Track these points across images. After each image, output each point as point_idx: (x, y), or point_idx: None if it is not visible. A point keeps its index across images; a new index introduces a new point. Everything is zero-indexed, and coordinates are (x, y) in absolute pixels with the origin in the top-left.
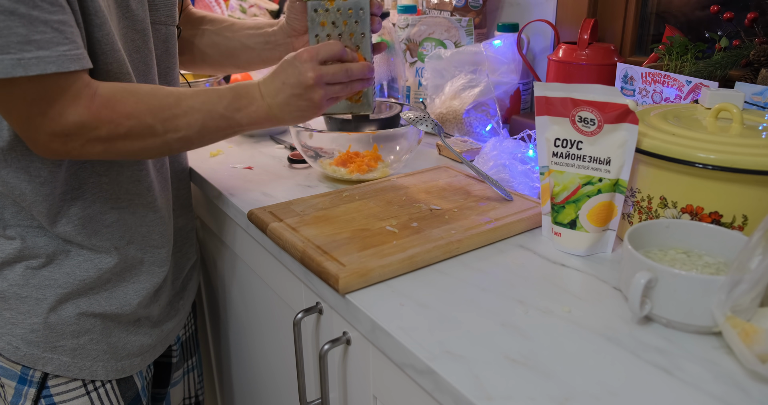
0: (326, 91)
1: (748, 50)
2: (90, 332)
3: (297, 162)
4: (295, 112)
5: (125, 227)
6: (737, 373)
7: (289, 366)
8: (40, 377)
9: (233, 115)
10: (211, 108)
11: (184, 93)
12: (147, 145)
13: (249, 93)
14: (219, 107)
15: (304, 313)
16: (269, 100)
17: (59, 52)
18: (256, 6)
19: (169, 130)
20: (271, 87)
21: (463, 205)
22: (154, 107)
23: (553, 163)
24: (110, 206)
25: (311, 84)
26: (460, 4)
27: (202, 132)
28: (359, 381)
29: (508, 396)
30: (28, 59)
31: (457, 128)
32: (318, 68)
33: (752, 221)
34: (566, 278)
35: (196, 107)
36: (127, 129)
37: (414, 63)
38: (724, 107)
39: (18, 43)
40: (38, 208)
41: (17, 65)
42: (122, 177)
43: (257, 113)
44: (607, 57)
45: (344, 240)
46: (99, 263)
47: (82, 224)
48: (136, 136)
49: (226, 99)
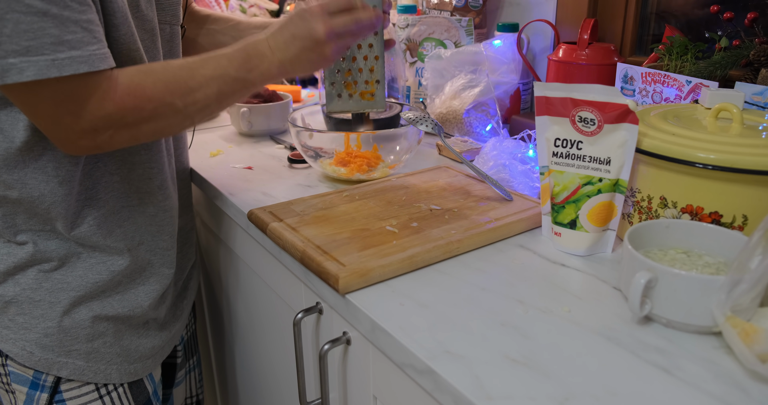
0: (337, 43)
1: (748, 50)
2: (103, 335)
3: (297, 162)
4: (306, 63)
5: (136, 227)
6: (737, 373)
7: (289, 366)
8: (53, 382)
9: (246, 76)
10: (224, 72)
11: (194, 62)
12: (170, 122)
13: (258, 51)
14: (231, 71)
15: (304, 313)
16: (279, 54)
17: (90, 52)
18: (256, 6)
19: (188, 104)
20: (281, 40)
21: (463, 205)
22: (171, 84)
23: (553, 163)
24: (122, 205)
25: (322, 38)
26: (460, 4)
27: (220, 98)
28: (359, 381)
29: (508, 396)
30: (61, 60)
31: (457, 128)
32: (328, 21)
33: (752, 221)
34: (566, 278)
35: (209, 75)
36: (151, 111)
37: (414, 63)
38: (724, 107)
39: (51, 44)
40: (57, 209)
41: (51, 66)
42: (133, 175)
43: (269, 70)
44: (607, 57)
45: (344, 240)
46: (111, 265)
47: (98, 225)
48: (160, 116)
49: (237, 61)
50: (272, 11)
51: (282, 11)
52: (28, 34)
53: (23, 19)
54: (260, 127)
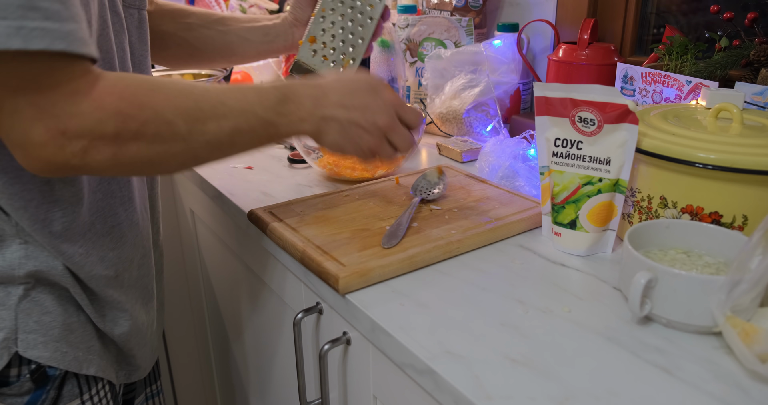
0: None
1: (748, 50)
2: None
3: (297, 162)
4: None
5: (131, 246)
6: (737, 373)
7: (289, 366)
8: None
9: (275, 120)
10: (248, 108)
11: (214, 88)
12: (167, 150)
13: (297, 97)
14: (258, 109)
15: (304, 313)
16: (324, 110)
17: (68, 29)
18: (256, 6)
19: (195, 131)
20: (333, 98)
21: (463, 205)
22: (176, 99)
23: (553, 163)
24: (111, 225)
25: (381, 128)
26: (460, 4)
27: (234, 137)
28: (359, 381)
29: (508, 396)
30: (30, 29)
31: (457, 128)
32: (395, 120)
33: (752, 221)
34: (566, 278)
35: (230, 105)
36: (141, 124)
37: (414, 63)
38: (724, 107)
39: (19, 7)
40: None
41: (14, 35)
42: (114, 186)
43: (302, 122)
44: (607, 57)
45: (344, 240)
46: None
47: (86, 253)
48: (153, 135)
49: (269, 101)
50: (272, 11)
51: (282, 11)
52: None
53: None
54: None
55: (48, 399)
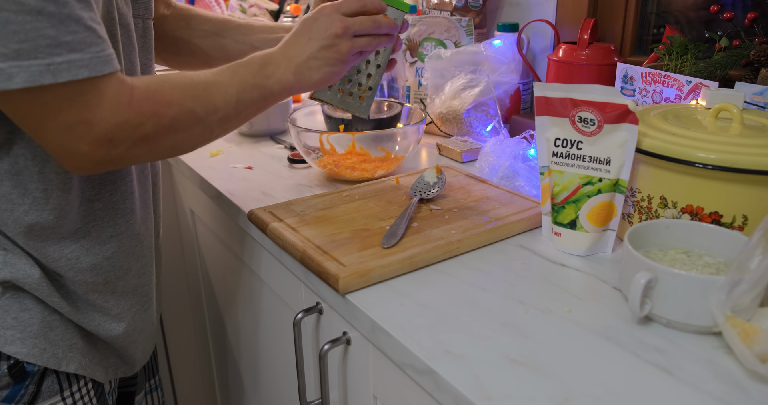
0: (354, 43)
1: (748, 50)
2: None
3: (297, 162)
4: (323, 67)
5: (125, 255)
6: (737, 373)
7: (289, 366)
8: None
9: (265, 83)
10: (242, 80)
11: (210, 72)
12: (191, 134)
13: (273, 59)
14: (249, 78)
15: (304, 313)
16: (296, 61)
17: (92, 54)
18: (256, 6)
19: (209, 111)
20: (296, 47)
21: (463, 205)
22: (190, 89)
23: (553, 163)
24: (109, 235)
25: (339, 33)
26: (460, 4)
27: (239, 107)
28: (359, 381)
29: (508, 396)
30: (58, 64)
31: (457, 128)
32: (344, 18)
33: (752, 221)
34: (566, 278)
35: (227, 81)
36: (171, 119)
37: (414, 63)
38: (724, 107)
39: (47, 47)
40: (23, 240)
41: (46, 71)
42: (116, 196)
43: (286, 77)
44: (607, 57)
45: (344, 240)
46: None
47: (76, 258)
48: (180, 125)
49: (254, 68)
50: (272, 11)
51: (282, 11)
52: (19, 36)
53: (13, 18)
54: (260, 127)
55: (27, 394)
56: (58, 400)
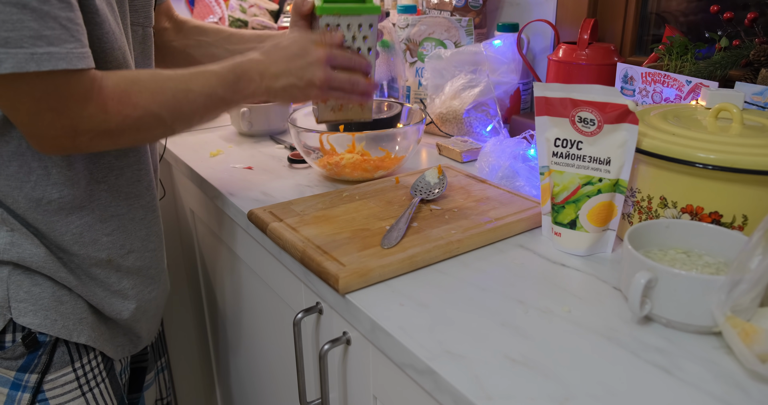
0: (326, 93)
1: (748, 50)
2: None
3: (297, 162)
4: (288, 98)
5: (126, 235)
6: (737, 373)
7: (289, 366)
8: (36, 381)
9: (232, 98)
10: (212, 91)
11: (183, 76)
12: (153, 133)
13: (248, 75)
14: (219, 90)
15: (304, 313)
16: (268, 82)
17: (67, 50)
18: (256, 6)
19: (174, 117)
20: (273, 70)
21: (463, 205)
22: (158, 95)
23: (553, 163)
24: (110, 214)
25: (317, 84)
26: (460, 4)
27: (203, 114)
28: (359, 381)
29: (508, 396)
30: (40, 54)
31: (457, 128)
32: (329, 72)
33: (752, 221)
34: (566, 278)
35: (197, 91)
36: (136, 120)
37: (414, 63)
38: (724, 107)
39: (30, 38)
40: (33, 215)
41: (30, 60)
42: (121, 180)
43: (254, 94)
44: (607, 57)
45: (344, 240)
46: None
47: (80, 233)
48: (143, 126)
49: (226, 81)
50: (272, 11)
51: (282, 11)
52: (7, 25)
53: (2, 8)
54: (260, 127)
55: (40, 364)
56: (69, 371)
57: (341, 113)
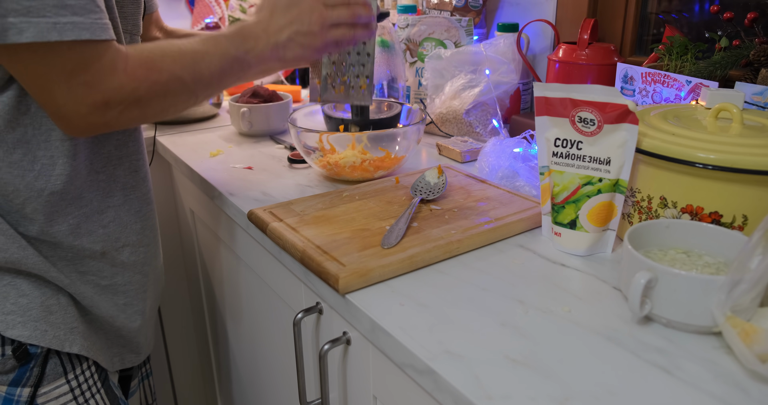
0: (330, 33)
1: (748, 50)
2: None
3: (297, 162)
4: (298, 49)
5: (122, 228)
6: (737, 373)
7: (289, 366)
8: (29, 395)
9: (244, 57)
10: (225, 51)
11: (195, 41)
12: (179, 99)
13: (253, 33)
14: (231, 50)
15: (304, 313)
16: (273, 37)
17: (92, 20)
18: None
19: (195, 79)
20: (274, 25)
21: (463, 205)
22: (178, 58)
23: (553, 163)
24: (107, 205)
25: (316, 29)
26: (460, 4)
27: (221, 76)
28: (359, 381)
29: (508, 396)
30: (63, 24)
31: (457, 128)
32: (325, 10)
33: (752, 221)
34: (566, 278)
35: (212, 52)
36: (162, 84)
37: (414, 63)
38: (724, 107)
39: (53, 7)
40: (33, 205)
41: (52, 29)
42: (119, 170)
43: (264, 52)
44: (607, 57)
45: (344, 240)
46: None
47: (77, 224)
48: (170, 90)
49: (236, 42)
50: None
51: None
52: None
53: None
54: (260, 127)
55: (32, 377)
56: (62, 382)
57: (342, 95)
